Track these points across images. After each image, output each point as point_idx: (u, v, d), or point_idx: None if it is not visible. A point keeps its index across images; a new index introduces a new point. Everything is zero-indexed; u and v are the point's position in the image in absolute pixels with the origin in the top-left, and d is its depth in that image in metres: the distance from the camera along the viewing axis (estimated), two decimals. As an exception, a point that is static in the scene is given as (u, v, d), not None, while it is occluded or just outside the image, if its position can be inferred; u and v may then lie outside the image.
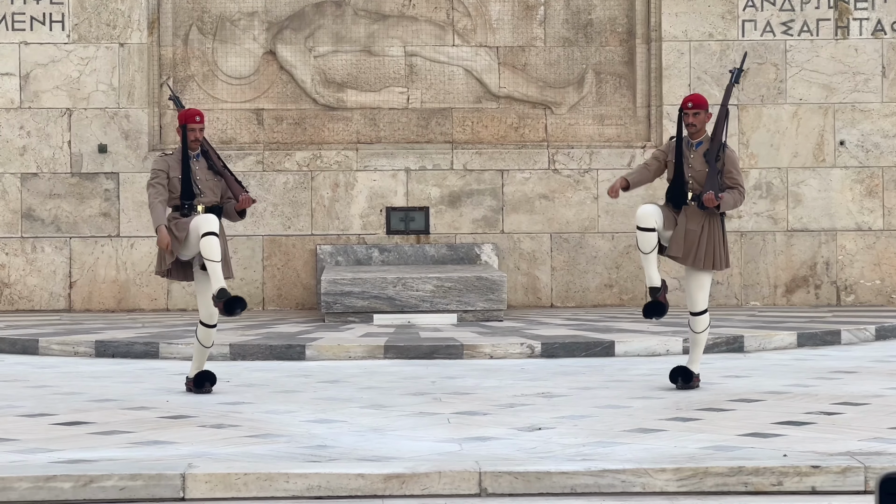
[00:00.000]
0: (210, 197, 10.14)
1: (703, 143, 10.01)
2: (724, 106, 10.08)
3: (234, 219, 10.32)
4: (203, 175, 10.13)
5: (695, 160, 9.97)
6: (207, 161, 10.18)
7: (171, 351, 12.71)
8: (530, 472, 6.96)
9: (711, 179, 9.88)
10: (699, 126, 9.98)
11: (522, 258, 16.79)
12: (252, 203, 10.24)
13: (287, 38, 17.00)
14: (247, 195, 10.17)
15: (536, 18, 17.11)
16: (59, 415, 9.03)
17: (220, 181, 10.20)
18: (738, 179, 10.03)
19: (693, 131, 9.99)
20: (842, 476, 6.96)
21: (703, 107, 9.99)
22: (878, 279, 16.83)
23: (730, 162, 9.99)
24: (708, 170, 9.90)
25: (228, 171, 10.26)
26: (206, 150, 10.20)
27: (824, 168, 16.83)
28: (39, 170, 16.53)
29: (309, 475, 6.93)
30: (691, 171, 9.97)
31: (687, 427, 8.34)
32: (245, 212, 10.31)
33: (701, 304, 10.11)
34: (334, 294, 14.68)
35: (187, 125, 10.10)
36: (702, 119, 9.98)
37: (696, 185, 9.96)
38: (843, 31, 16.82)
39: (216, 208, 10.13)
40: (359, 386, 10.56)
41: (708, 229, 10.00)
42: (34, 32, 16.52)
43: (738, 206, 10.19)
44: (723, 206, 9.92)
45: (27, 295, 16.57)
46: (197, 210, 10.05)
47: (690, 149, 10.01)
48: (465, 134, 17.01)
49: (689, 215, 10.01)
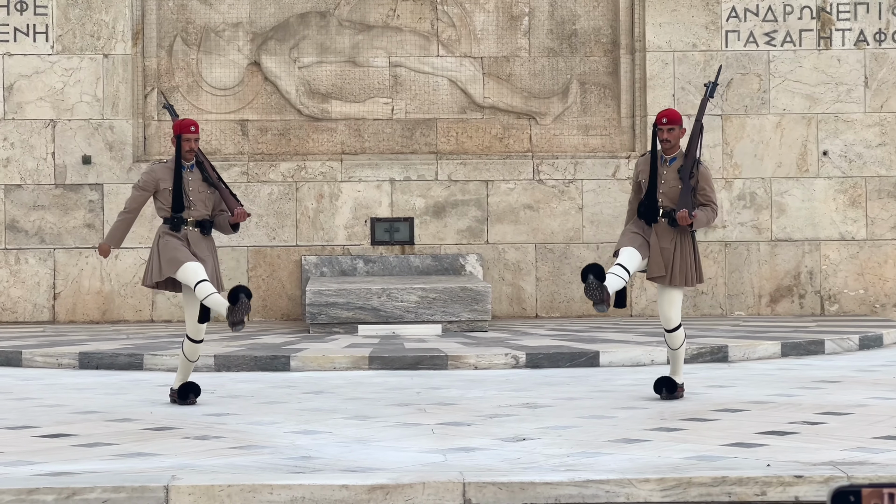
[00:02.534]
0: (201, 210, 10.05)
1: (677, 158, 9.94)
2: (699, 121, 10.02)
3: (226, 231, 10.23)
4: (196, 186, 10.04)
5: (668, 176, 9.90)
6: (202, 173, 10.08)
7: (155, 362, 12.69)
8: (514, 483, 6.96)
9: (685, 196, 9.81)
10: (673, 141, 9.91)
11: (507, 269, 16.80)
12: (247, 217, 10.15)
13: (272, 48, 17.00)
14: (241, 209, 10.06)
15: (521, 29, 17.13)
16: (43, 427, 9.00)
17: (214, 193, 10.11)
18: (711, 197, 9.92)
19: (667, 147, 9.92)
20: (825, 486, 6.97)
21: (678, 122, 9.93)
22: (861, 289, 16.87)
23: (703, 179, 9.89)
24: (681, 186, 9.83)
25: (223, 184, 10.16)
26: (200, 161, 10.10)
27: (808, 178, 16.87)
28: (23, 181, 16.50)
29: (293, 486, 6.92)
30: (664, 188, 9.90)
31: (671, 437, 8.35)
32: (238, 225, 10.23)
33: (675, 320, 10.08)
34: (319, 305, 14.67)
35: (182, 135, 10.00)
36: (676, 135, 9.92)
37: (667, 201, 9.88)
38: (826, 41, 16.87)
39: (206, 223, 10.06)
40: (343, 397, 10.55)
41: (680, 247, 9.93)
42: (18, 44, 16.50)
43: (710, 224, 10.10)
44: (696, 224, 9.83)
45: (10, 307, 16.53)
46: (187, 223, 9.99)
47: (664, 164, 9.92)
48: (449, 144, 17.02)
49: (661, 233, 9.93)
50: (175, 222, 9.97)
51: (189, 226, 10.00)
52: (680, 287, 10.00)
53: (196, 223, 10.03)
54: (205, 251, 10.00)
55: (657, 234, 9.93)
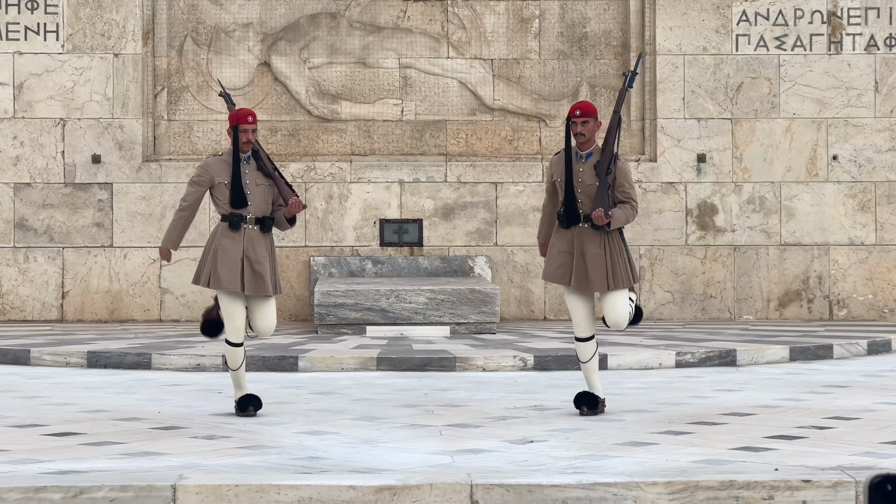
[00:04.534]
0: (260, 205, 9.61)
1: (594, 154, 9.31)
2: (617, 113, 9.37)
3: (283, 227, 9.78)
4: (253, 179, 9.59)
5: (584, 173, 9.28)
6: (258, 162, 9.63)
7: (163, 362, 12.69)
8: (521, 485, 6.96)
9: (601, 195, 9.19)
10: (588, 135, 9.29)
11: (516, 271, 16.80)
12: (303, 208, 9.67)
13: (282, 49, 17.01)
14: (297, 199, 9.58)
15: (531, 31, 17.13)
16: (50, 425, 9.01)
17: (271, 185, 9.64)
18: (630, 193, 9.30)
19: (582, 141, 9.26)
20: (833, 490, 6.96)
21: (593, 115, 9.28)
22: (870, 294, 16.85)
23: (622, 175, 9.28)
24: (598, 184, 9.23)
25: (279, 174, 9.70)
26: (255, 149, 9.64)
27: (817, 182, 16.85)
28: (33, 180, 16.52)
29: (300, 487, 6.92)
30: (581, 186, 9.28)
31: (679, 440, 8.34)
32: (295, 219, 9.76)
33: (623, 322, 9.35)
34: (327, 306, 14.67)
35: (239, 126, 9.51)
36: (591, 128, 9.27)
37: (586, 200, 9.28)
38: (837, 46, 16.85)
39: (266, 220, 9.64)
40: (351, 398, 10.55)
41: (609, 249, 9.29)
42: (28, 42, 16.52)
43: (629, 222, 9.43)
44: (613, 223, 9.20)
45: (19, 305, 16.55)
46: (246, 221, 9.56)
47: (580, 161, 9.31)
48: (459, 146, 17.02)
49: (587, 239, 9.31)
50: (234, 220, 9.54)
51: (248, 223, 9.57)
52: (623, 289, 9.34)
53: (256, 220, 9.59)
54: (263, 252, 9.59)
55: (583, 241, 9.33)
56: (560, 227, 9.41)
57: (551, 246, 9.50)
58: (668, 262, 16.81)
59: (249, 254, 9.57)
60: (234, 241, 9.58)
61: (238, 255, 9.56)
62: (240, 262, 9.55)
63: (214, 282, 9.54)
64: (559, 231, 9.44)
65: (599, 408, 9.54)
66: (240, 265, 9.55)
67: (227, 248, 9.56)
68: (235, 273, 9.54)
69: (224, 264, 9.53)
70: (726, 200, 16.81)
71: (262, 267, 9.58)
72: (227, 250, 9.56)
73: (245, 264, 9.55)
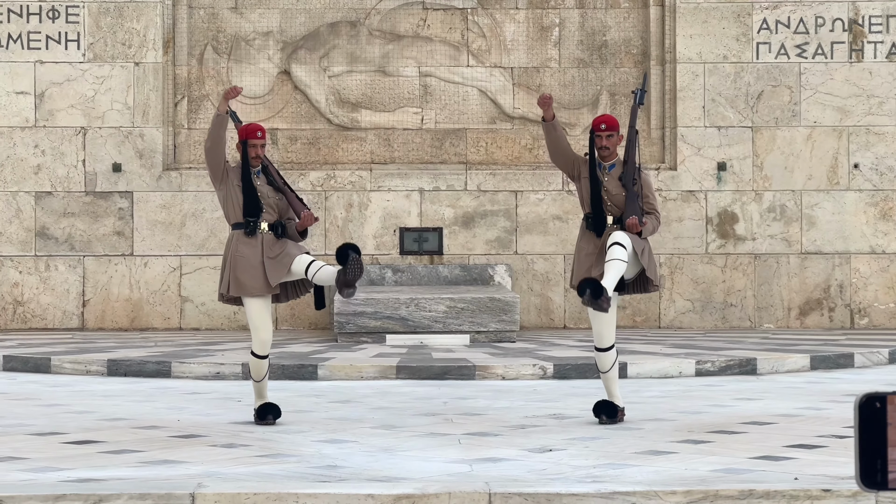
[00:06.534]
0: (272, 214, 9.66)
1: (616, 166, 9.66)
2: (632, 127, 9.74)
3: (295, 240, 9.78)
4: (265, 191, 9.64)
5: (609, 183, 9.57)
6: (268, 177, 9.70)
7: (183, 370, 12.71)
8: (540, 494, 6.94)
9: (632, 203, 9.48)
10: (612, 148, 9.63)
11: (536, 279, 16.78)
12: (314, 221, 9.72)
13: (302, 57, 17.04)
14: (308, 212, 9.63)
15: (551, 39, 17.12)
16: (70, 433, 9.03)
17: (282, 199, 9.70)
18: (654, 205, 9.63)
19: (606, 154, 9.61)
20: (853, 500, 6.93)
21: (616, 128, 9.66)
22: (891, 302, 16.79)
23: (647, 186, 9.63)
24: (626, 193, 9.55)
25: (289, 188, 9.77)
26: (265, 165, 9.73)
27: (838, 191, 16.80)
28: (54, 188, 16.57)
29: (319, 495, 6.92)
30: (607, 195, 9.55)
31: (698, 449, 8.32)
32: (307, 231, 9.82)
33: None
34: (347, 314, 14.68)
35: (248, 141, 9.62)
36: (614, 142, 9.60)
37: (614, 208, 9.55)
38: (858, 54, 16.81)
39: (279, 224, 9.66)
40: (370, 406, 10.55)
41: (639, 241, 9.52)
42: (49, 51, 16.58)
43: (655, 233, 9.77)
44: (644, 232, 9.48)
45: (40, 313, 16.59)
46: (261, 227, 9.59)
47: (603, 172, 9.61)
48: (479, 155, 17.02)
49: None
50: (251, 227, 9.56)
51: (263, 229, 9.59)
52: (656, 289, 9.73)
53: (270, 226, 9.61)
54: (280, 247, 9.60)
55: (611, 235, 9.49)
56: (587, 229, 9.59)
57: (578, 249, 9.68)
58: (689, 271, 16.78)
59: (269, 254, 9.57)
60: (251, 246, 9.58)
61: (257, 259, 9.56)
62: (260, 266, 9.54)
63: (235, 288, 9.54)
64: (586, 233, 9.63)
65: (619, 416, 9.56)
66: (260, 269, 9.54)
67: (245, 254, 9.56)
68: (258, 277, 9.52)
69: (244, 270, 9.53)
70: (747, 209, 16.78)
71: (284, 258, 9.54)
72: (246, 255, 9.56)
73: (266, 265, 9.55)
